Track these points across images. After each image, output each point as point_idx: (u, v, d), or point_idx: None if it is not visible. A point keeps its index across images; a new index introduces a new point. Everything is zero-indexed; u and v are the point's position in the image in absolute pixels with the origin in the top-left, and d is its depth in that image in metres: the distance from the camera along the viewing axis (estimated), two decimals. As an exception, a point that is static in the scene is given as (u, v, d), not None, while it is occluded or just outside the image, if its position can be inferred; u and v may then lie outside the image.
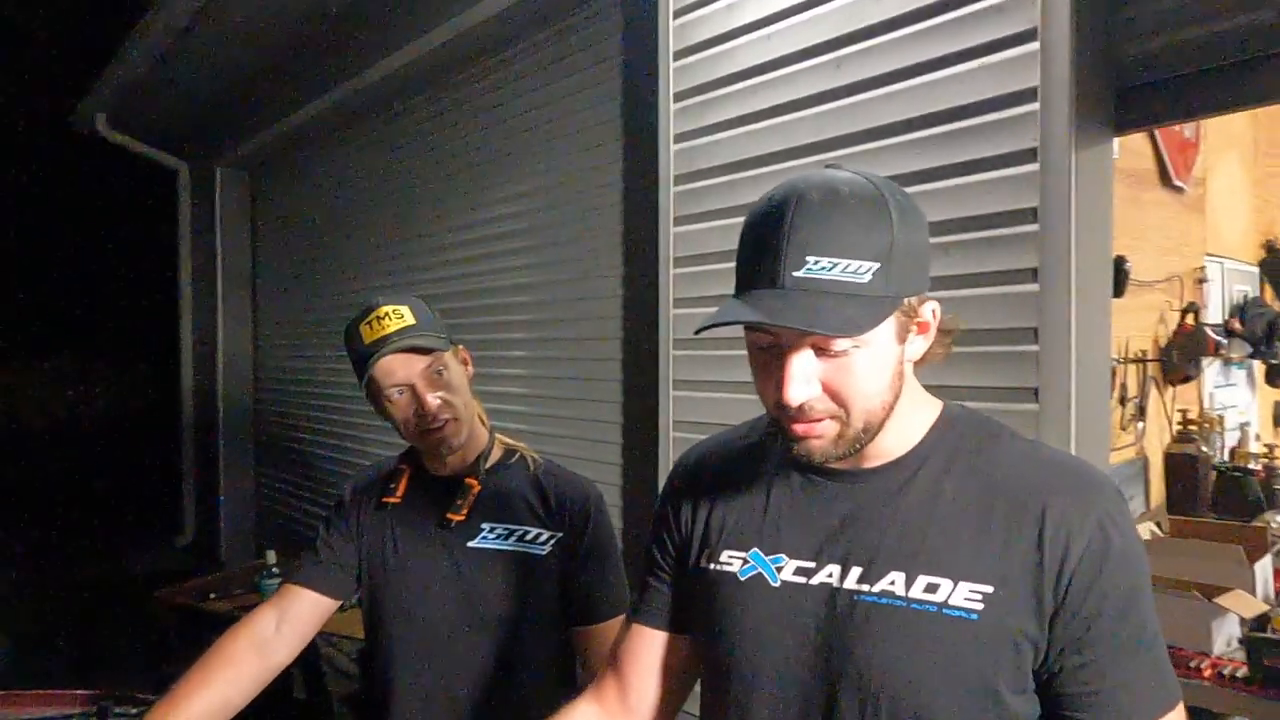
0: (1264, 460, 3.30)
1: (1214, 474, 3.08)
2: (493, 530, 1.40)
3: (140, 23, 4.34)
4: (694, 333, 0.83)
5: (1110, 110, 1.62)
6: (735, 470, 0.97)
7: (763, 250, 0.77)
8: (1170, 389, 3.23)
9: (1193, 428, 3.20)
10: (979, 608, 0.79)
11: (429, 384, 1.34)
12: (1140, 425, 3.02)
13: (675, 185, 2.28)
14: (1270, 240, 3.89)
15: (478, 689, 1.38)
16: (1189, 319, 3.17)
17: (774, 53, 2.03)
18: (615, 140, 2.70)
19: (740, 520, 0.94)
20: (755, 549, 0.91)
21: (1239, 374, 3.76)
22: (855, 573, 0.84)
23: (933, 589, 0.81)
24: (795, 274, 0.75)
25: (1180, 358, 3.15)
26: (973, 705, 0.80)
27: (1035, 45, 1.56)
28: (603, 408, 2.75)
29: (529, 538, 1.39)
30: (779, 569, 0.89)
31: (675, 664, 1.01)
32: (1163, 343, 3.17)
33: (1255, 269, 3.84)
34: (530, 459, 1.48)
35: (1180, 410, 3.24)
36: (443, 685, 1.39)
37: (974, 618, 0.79)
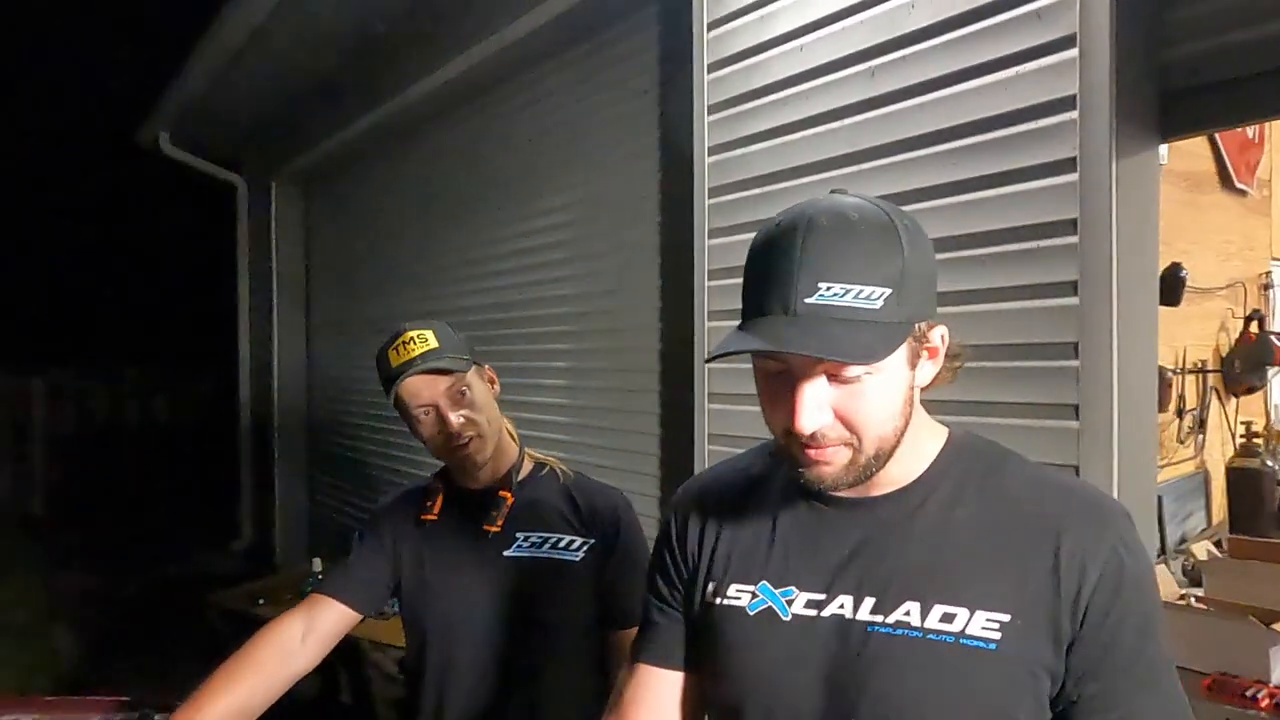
0: (1335, 475, 3.14)
1: (1280, 489, 2.94)
2: (527, 539, 1.44)
3: (200, 45, 4.51)
4: (704, 362, 0.82)
5: (1154, 116, 1.56)
6: (739, 501, 0.95)
7: (773, 277, 0.76)
8: (1233, 400, 3.10)
9: (1257, 441, 3.05)
10: (997, 637, 0.77)
11: (452, 403, 1.39)
12: (1200, 438, 2.90)
13: (710, 198, 2.27)
14: (1342, 243, 3.70)
15: (518, 694, 1.41)
16: (1253, 327, 3.04)
17: (808, 64, 2.01)
18: (651, 153, 2.70)
19: (747, 552, 0.91)
20: (764, 581, 0.88)
21: (1309, 384, 3.59)
22: (868, 603, 0.82)
23: (949, 619, 0.79)
24: (808, 300, 0.74)
25: (1243, 368, 3.01)
26: None
27: (1074, 52, 1.52)
28: (640, 420, 2.75)
29: (562, 545, 1.44)
30: (789, 602, 0.86)
31: (682, 706, 0.97)
32: (1224, 352, 3.04)
33: (1326, 274, 3.66)
34: (560, 471, 1.52)
35: (1244, 422, 3.09)
36: (485, 691, 1.42)
37: (992, 647, 0.77)
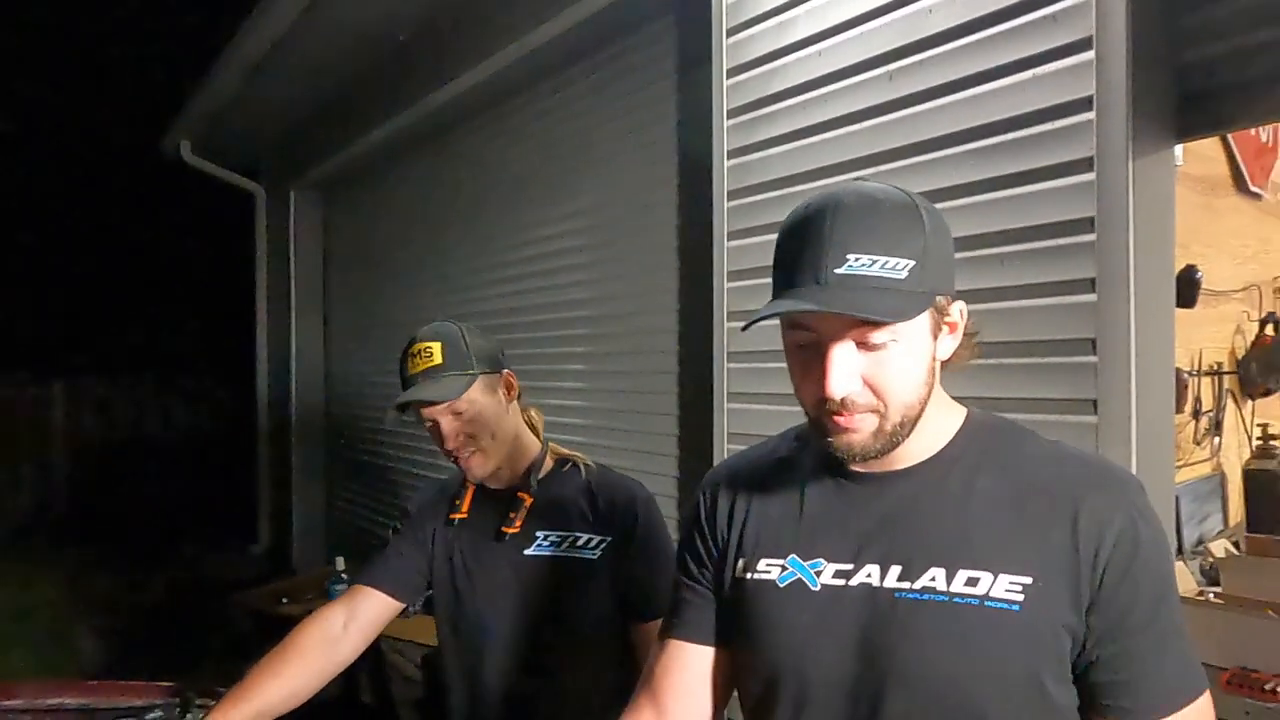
0: (1354, 478, 3.13)
1: (1297, 491, 2.94)
2: (547, 538, 1.46)
3: (222, 55, 4.59)
4: (741, 329, 0.86)
5: (1170, 117, 1.59)
6: (767, 481, 0.99)
7: (804, 251, 0.81)
8: (1249, 403, 3.10)
9: (1274, 443, 3.06)
10: (1020, 599, 0.81)
11: (450, 421, 1.42)
12: (1216, 440, 2.91)
13: (729, 200, 2.31)
14: (1359, 247, 3.70)
15: (542, 690, 1.44)
16: (1269, 330, 3.04)
17: (826, 68, 2.04)
18: (670, 157, 2.74)
19: (776, 528, 0.95)
20: (793, 555, 0.92)
21: (1326, 387, 3.57)
22: (895, 571, 0.86)
23: (973, 582, 0.82)
24: (837, 271, 0.79)
25: (1259, 370, 3.01)
26: (1019, 696, 0.81)
27: (1090, 54, 1.55)
28: (659, 420, 2.78)
29: (580, 543, 1.45)
30: (818, 573, 0.90)
31: (712, 680, 1.01)
32: (1240, 355, 3.05)
33: (1342, 277, 3.66)
34: (583, 465, 1.53)
35: (1260, 425, 3.10)
36: (510, 687, 1.45)
37: (1016, 609, 0.81)
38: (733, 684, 1.01)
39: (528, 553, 1.46)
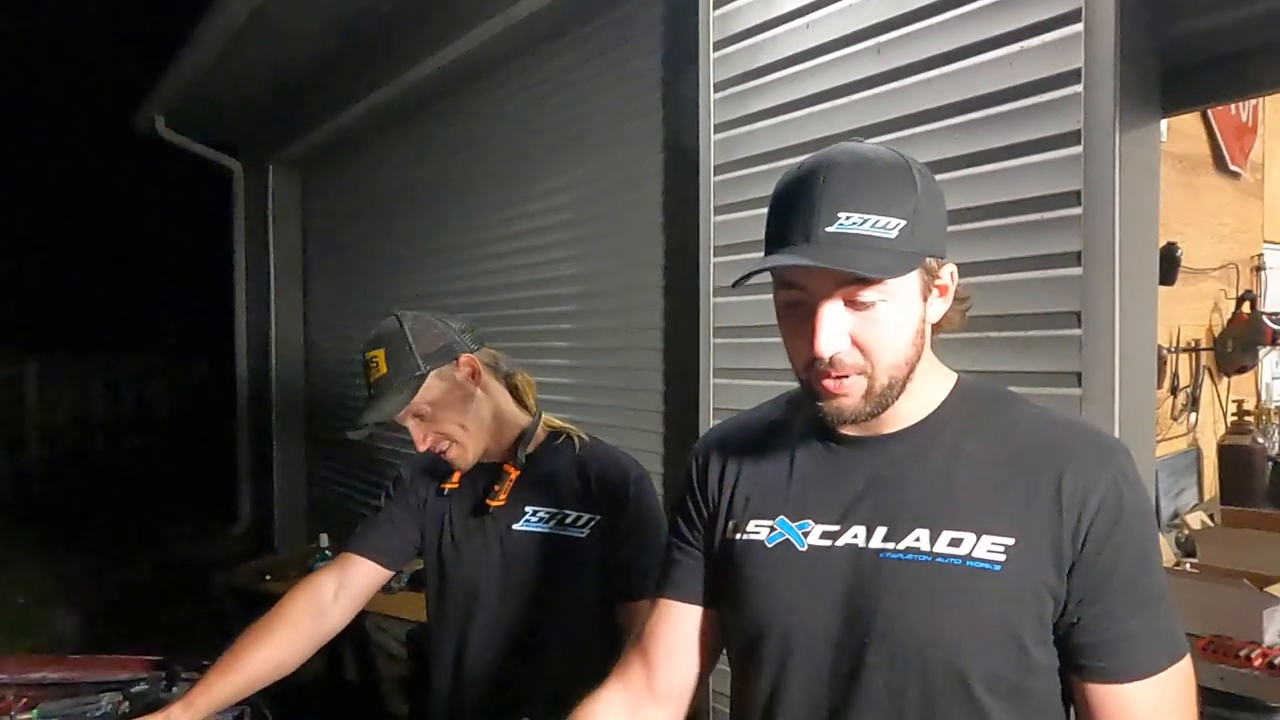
0: (1324, 453, 3.19)
1: (1270, 466, 3.00)
2: (535, 513, 1.44)
3: (198, 27, 4.49)
4: (732, 285, 0.86)
5: (1156, 91, 1.60)
6: (758, 444, 1.00)
7: (795, 209, 0.82)
8: (1225, 379, 3.15)
9: (1248, 419, 3.11)
10: (1001, 559, 0.82)
11: (415, 424, 1.40)
12: (1193, 416, 2.95)
13: (716, 174, 2.30)
14: (1333, 227, 3.75)
15: (524, 667, 1.43)
16: (1245, 308, 3.09)
17: (814, 40, 2.03)
18: (656, 131, 2.72)
19: (766, 491, 0.96)
20: (781, 516, 0.93)
21: (1299, 365, 3.64)
22: (880, 532, 0.87)
23: (956, 543, 0.83)
24: (828, 229, 0.80)
25: (1236, 347, 3.06)
26: (998, 654, 0.83)
27: (1079, 27, 1.55)
28: (644, 396, 2.78)
29: (569, 520, 1.43)
30: (805, 534, 0.91)
31: (701, 639, 1.02)
32: (1217, 332, 3.09)
33: (1317, 257, 3.71)
34: (577, 439, 1.51)
35: (1235, 401, 3.15)
36: (495, 661, 1.44)
37: (997, 569, 0.82)
38: (722, 644, 1.02)
39: (516, 527, 1.44)
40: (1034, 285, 1.62)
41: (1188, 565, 2.11)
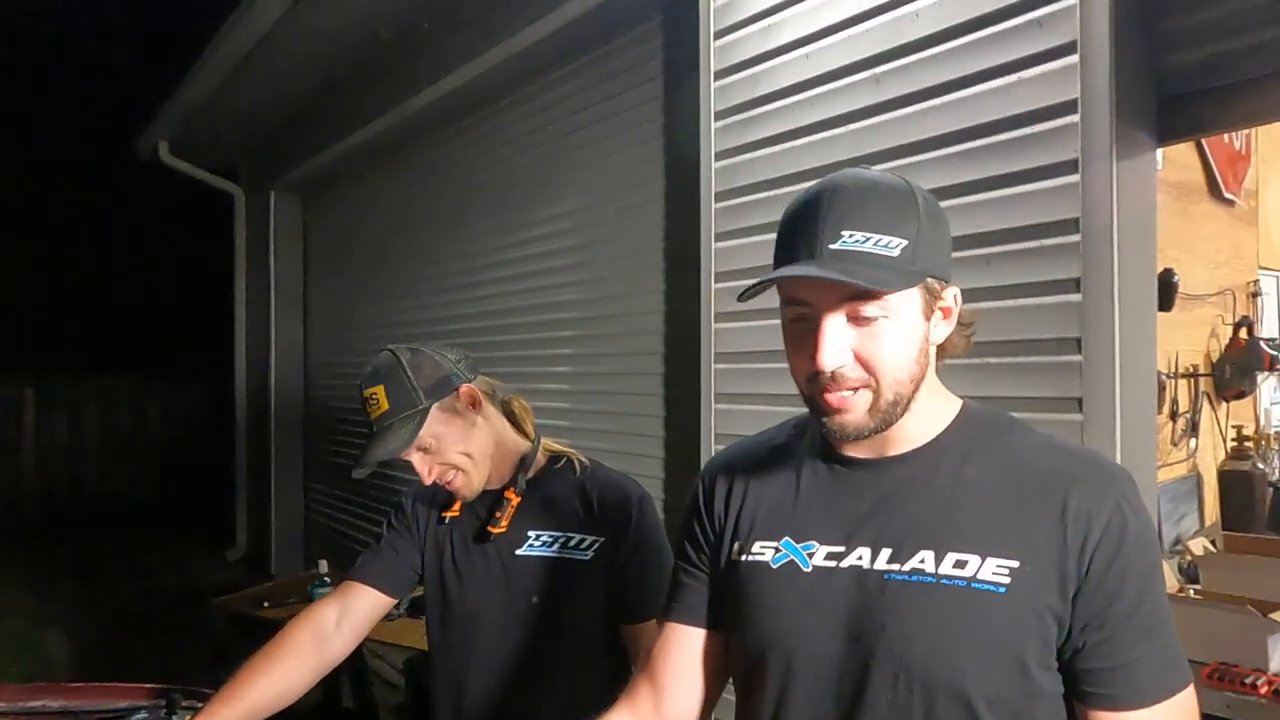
0: (1325, 478, 3.19)
1: (1271, 491, 3.00)
2: (539, 538, 1.44)
3: (204, 54, 4.54)
4: (739, 299, 0.88)
5: (1152, 120, 1.62)
6: (764, 467, 1.01)
7: (801, 229, 0.84)
8: (1224, 405, 3.15)
9: (1248, 444, 3.12)
10: (1006, 581, 0.82)
11: (419, 458, 1.40)
12: (1193, 441, 2.96)
13: (717, 202, 2.32)
14: (1328, 253, 3.78)
15: (532, 693, 1.42)
16: (1242, 333, 3.10)
17: (813, 71, 2.06)
18: (658, 159, 2.75)
19: (771, 512, 0.97)
20: (786, 538, 0.94)
21: (1297, 390, 3.65)
22: (885, 554, 0.87)
23: (961, 565, 0.84)
24: (831, 246, 0.82)
25: (1234, 373, 3.07)
26: (1002, 676, 0.83)
27: (1074, 58, 1.57)
28: (645, 422, 2.78)
29: (573, 544, 1.43)
30: (810, 555, 0.91)
31: (709, 662, 1.02)
32: (1215, 357, 3.11)
33: (1312, 283, 3.74)
34: (577, 463, 1.50)
35: (1235, 426, 3.15)
36: (499, 687, 1.43)
37: (1002, 591, 0.82)
38: (729, 666, 1.02)
39: (519, 553, 1.44)
40: (1034, 311, 1.63)
41: (1191, 592, 2.10)
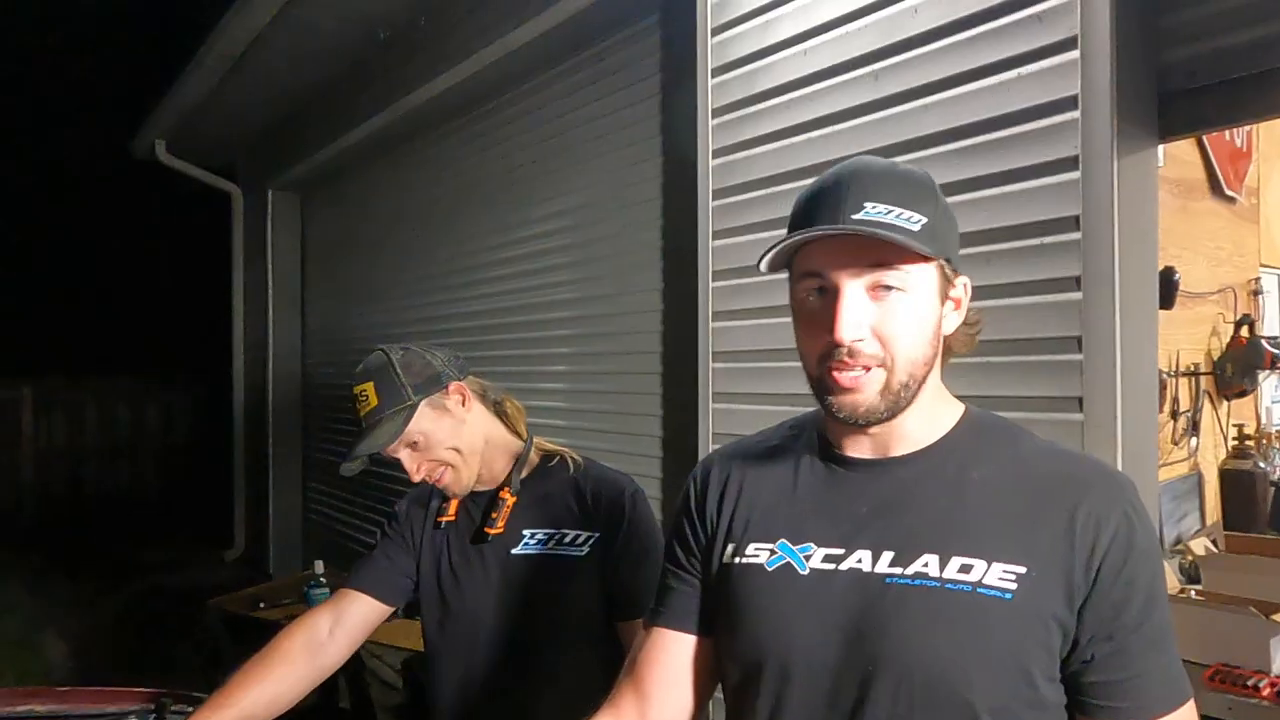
0: (1326, 477, 3.18)
1: (1272, 491, 2.98)
2: (533, 536, 1.44)
3: (198, 53, 4.53)
4: (756, 264, 0.86)
5: (1154, 117, 1.60)
6: (759, 467, 0.98)
7: (822, 202, 0.84)
8: (1225, 403, 3.14)
9: (1249, 443, 3.10)
10: (1013, 587, 0.80)
11: (408, 455, 1.40)
12: (1194, 440, 2.94)
13: (714, 200, 2.30)
14: (1329, 251, 3.76)
15: (531, 691, 1.42)
16: (1243, 332, 3.09)
17: (811, 67, 2.05)
18: (654, 157, 2.73)
19: (766, 512, 0.94)
20: (782, 539, 0.91)
21: (1298, 388, 3.63)
22: (887, 557, 0.85)
23: (966, 569, 0.82)
24: (854, 215, 0.81)
25: (1235, 371, 3.06)
26: (1007, 685, 0.80)
27: (1075, 54, 1.56)
28: (643, 422, 2.77)
29: (568, 540, 1.43)
30: (807, 557, 0.89)
31: (697, 669, 0.98)
32: (1216, 356, 3.09)
33: (1314, 281, 3.72)
34: (571, 460, 1.50)
35: (1236, 425, 3.14)
36: (497, 686, 1.43)
37: (1008, 597, 0.80)
38: (718, 674, 0.99)
39: (515, 552, 1.44)
40: (1034, 310, 1.61)
41: (1192, 592, 2.08)
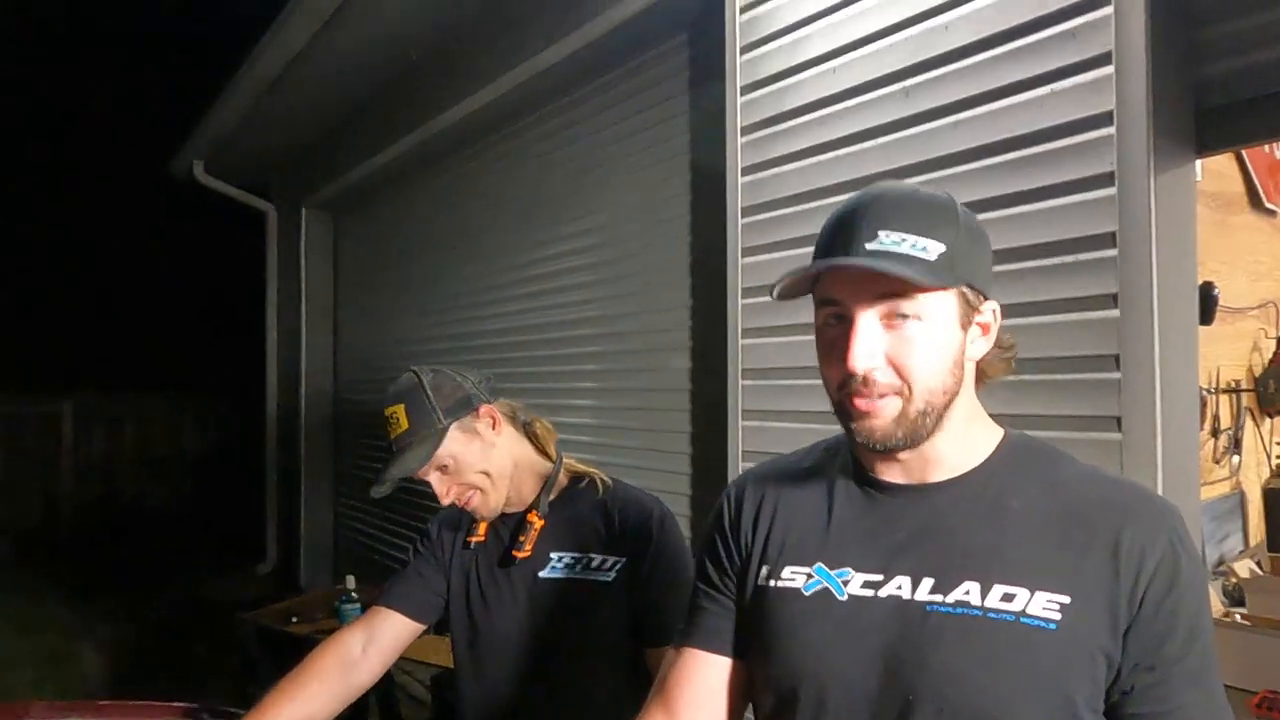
0: (1375, 497, 3.08)
1: (1319, 511, 2.90)
2: (561, 560, 1.43)
3: (236, 75, 4.63)
4: (769, 291, 0.86)
5: (1190, 132, 1.58)
6: (794, 488, 0.97)
7: (839, 232, 0.84)
8: (1267, 420, 3.07)
9: (1293, 461, 3.02)
10: (1057, 618, 0.79)
11: (438, 478, 1.40)
12: (1235, 458, 2.87)
13: (743, 217, 2.30)
14: (1374, 264, 3.67)
15: (557, 714, 1.41)
16: (1286, 347, 3.02)
17: (841, 84, 2.05)
18: (684, 174, 2.74)
19: (802, 536, 0.93)
20: (819, 564, 0.89)
21: (1344, 405, 3.53)
22: (927, 584, 0.83)
23: (1009, 598, 0.80)
24: (868, 245, 0.81)
25: (1277, 388, 2.99)
26: (1051, 718, 0.79)
27: (1110, 69, 1.54)
28: (672, 439, 2.76)
29: (595, 565, 1.42)
30: (845, 583, 0.87)
31: (728, 692, 0.97)
32: (1257, 372, 3.02)
33: (1358, 295, 3.63)
34: (600, 482, 1.49)
35: (1279, 443, 3.07)
36: (523, 709, 1.42)
37: (1053, 627, 0.78)
38: (749, 697, 0.98)
39: (542, 575, 1.43)
40: (1070, 328, 1.59)
41: (1237, 616, 2.03)
